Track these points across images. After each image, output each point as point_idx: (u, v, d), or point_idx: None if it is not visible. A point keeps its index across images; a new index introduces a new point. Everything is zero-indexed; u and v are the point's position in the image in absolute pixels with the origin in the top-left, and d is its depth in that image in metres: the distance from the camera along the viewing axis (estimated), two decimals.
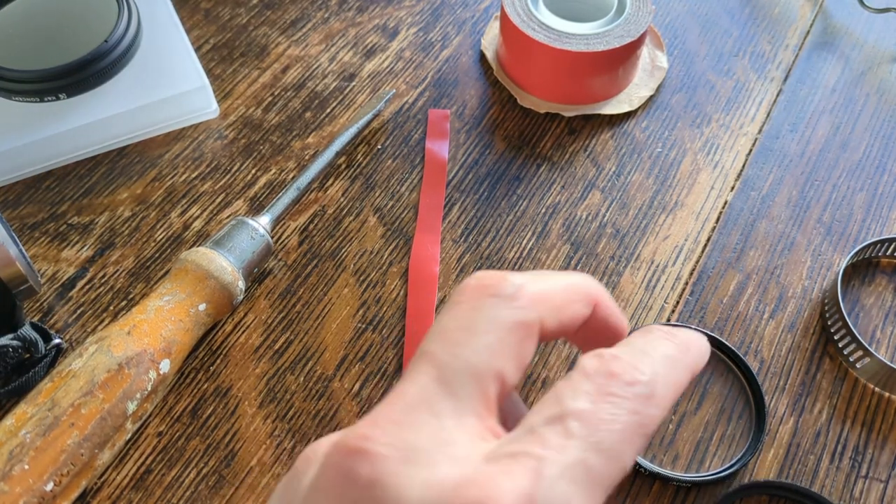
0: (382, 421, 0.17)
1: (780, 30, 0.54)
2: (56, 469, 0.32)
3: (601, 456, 0.18)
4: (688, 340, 0.22)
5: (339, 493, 0.16)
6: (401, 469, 0.16)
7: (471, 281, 0.20)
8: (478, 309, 0.20)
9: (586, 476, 0.17)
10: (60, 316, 0.41)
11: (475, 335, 0.19)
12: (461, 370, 0.19)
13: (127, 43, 0.47)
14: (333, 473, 0.17)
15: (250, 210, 0.45)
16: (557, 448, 0.17)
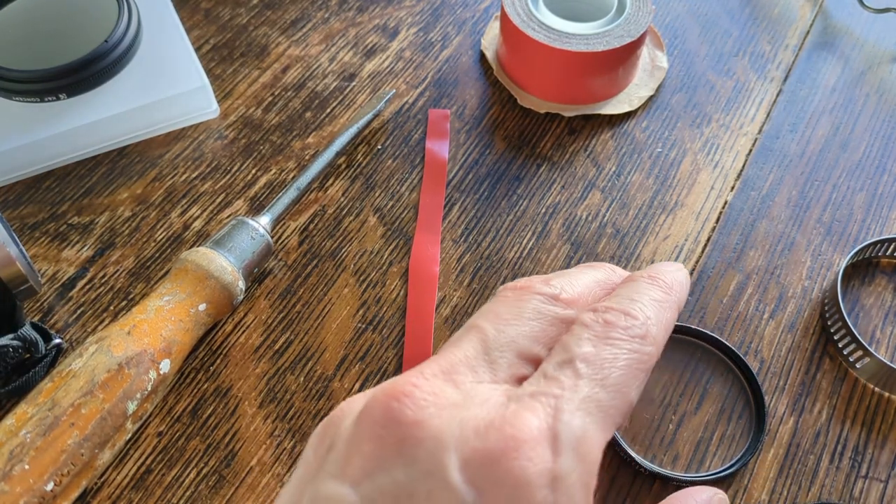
0: (428, 373, 0.20)
1: (780, 30, 0.54)
2: (56, 469, 0.32)
3: (608, 391, 0.20)
4: (671, 282, 0.25)
5: (383, 430, 0.18)
6: (440, 413, 0.18)
7: (517, 282, 0.23)
8: (526, 301, 0.22)
9: (598, 408, 0.19)
10: (60, 316, 0.41)
11: (521, 320, 0.22)
12: (505, 344, 0.21)
13: (127, 43, 0.47)
14: (380, 413, 0.19)
15: (250, 210, 0.45)
16: (570, 387, 0.19)
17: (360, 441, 0.18)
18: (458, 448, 0.17)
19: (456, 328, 0.41)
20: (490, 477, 0.17)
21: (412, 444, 0.18)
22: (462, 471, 0.17)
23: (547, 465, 0.17)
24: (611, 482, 0.36)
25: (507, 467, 0.17)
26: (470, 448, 0.17)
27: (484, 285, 0.42)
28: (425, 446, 0.18)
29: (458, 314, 0.41)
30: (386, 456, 0.18)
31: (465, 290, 0.42)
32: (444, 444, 0.17)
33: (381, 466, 0.18)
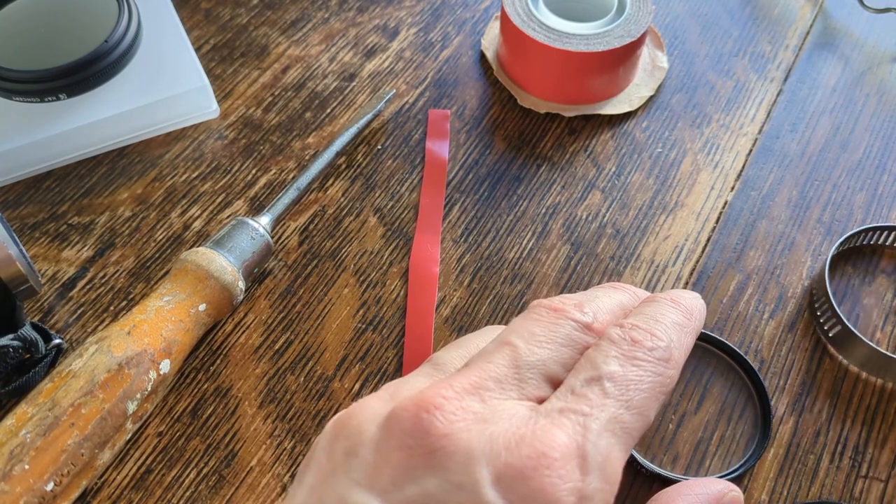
0: (458, 386, 0.20)
1: (781, 30, 0.54)
2: (56, 469, 0.32)
3: (632, 412, 0.20)
4: (691, 307, 0.25)
5: (413, 441, 0.18)
6: (470, 426, 0.19)
7: (552, 302, 0.24)
8: (560, 325, 0.23)
9: (622, 430, 0.20)
10: (61, 316, 0.41)
11: (554, 344, 0.22)
12: (535, 365, 0.21)
13: (127, 43, 0.47)
14: (409, 423, 0.19)
15: (250, 210, 0.45)
16: (598, 406, 0.20)
17: (389, 450, 0.19)
18: (489, 462, 0.18)
19: (456, 328, 0.41)
20: (521, 492, 0.17)
21: (443, 456, 0.18)
22: (494, 485, 0.17)
23: (576, 483, 0.18)
24: None
25: (539, 484, 0.17)
26: (502, 462, 0.18)
27: (484, 285, 0.42)
28: (457, 459, 0.18)
29: (458, 314, 0.41)
30: (416, 466, 0.18)
31: (466, 291, 0.42)
32: (476, 458, 0.18)
33: (411, 477, 0.18)
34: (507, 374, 0.21)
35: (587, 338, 0.23)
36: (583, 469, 0.18)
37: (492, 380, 0.20)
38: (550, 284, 0.42)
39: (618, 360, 0.21)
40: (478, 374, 0.21)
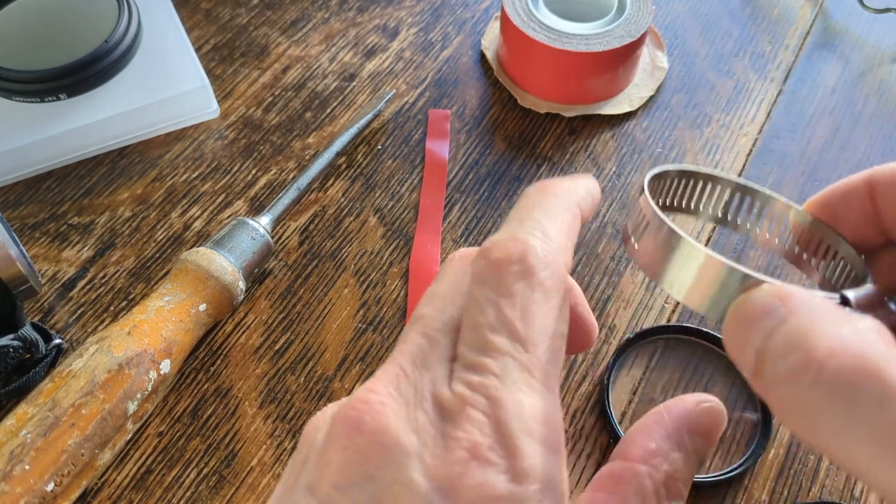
0: (383, 377, 0.19)
1: (780, 30, 0.54)
2: (57, 469, 0.32)
3: (535, 352, 0.19)
4: (546, 184, 0.22)
5: (348, 442, 0.18)
6: (398, 417, 0.18)
7: (456, 253, 0.22)
8: (463, 274, 0.22)
9: (533, 374, 0.18)
10: (61, 316, 0.41)
11: (458, 296, 0.21)
12: (446, 324, 0.20)
13: (127, 43, 0.47)
14: (341, 423, 0.18)
15: (251, 210, 0.45)
16: (497, 371, 0.18)
17: (328, 454, 0.18)
18: (418, 454, 0.17)
19: None
20: (456, 489, 0.17)
21: (374, 452, 0.18)
22: (424, 474, 0.17)
23: (503, 466, 0.17)
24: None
25: (467, 485, 0.17)
26: (429, 456, 0.17)
27: None
28: (388, 454, 0.18)
29: None
30: (353, 467, 0.18)
31: None
32: (405, 450, 0.17)
33: (351, 480, 0.18)
34: (421, 348, 0.20)
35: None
36: (507, 448, 0.17)
37: (410, 361, 0.20)
38: None
39: (492, 304, 0.19)
40: (398, 358, 0.20)
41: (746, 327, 0.18)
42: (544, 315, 0.19)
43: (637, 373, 0.39)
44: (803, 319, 0.17)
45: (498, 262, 0.20)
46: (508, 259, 0.20)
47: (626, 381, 0.39)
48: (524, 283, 0.19)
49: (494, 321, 0.19)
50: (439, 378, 0.19)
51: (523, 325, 0.19)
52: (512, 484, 0.17)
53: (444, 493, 0.17)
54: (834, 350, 0.16)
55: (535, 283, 0.19)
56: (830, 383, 0.16)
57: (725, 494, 0.36)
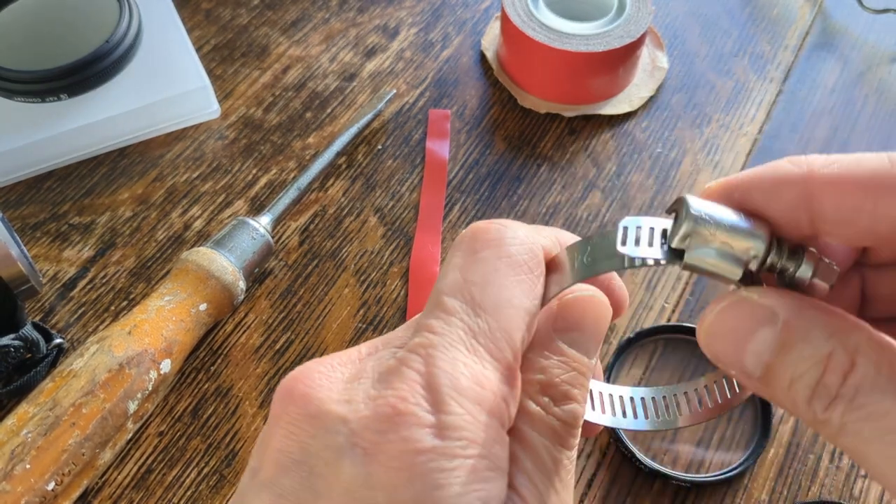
0: (336, 354, 0.20)
1: (780, 30, 0.54)
2: (57, 468, 0.32)
3: (486, 316, 0.18)
4: None
5: (283, 410, 0.18)
6: (333, 386, 0.18)
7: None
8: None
9: (477, 338, 0.18)
10: (62, 316, 0.41)
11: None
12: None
13: (128, 43, 0.47)
14: (280, 396, 0.19)
15: (251, 210, 0.45)
16: (441, 330, 0.18)
17: (269, 431, 0.19)
18: (344, 419, 0.17)
19: None
20: (385, 451, 0.17)
21: (304, 420, 0.18)
22: (349, 437, 0.17)
23: (428, 420, 0.17)
24: (612, 479, 0.36)
25: (391, 438, 0.17)
26: (358, 417, 0.17)
27: None
28: (318, 422, 0.18)
29: None
30: (289, 442, 0.18)
31: None
32: (334, 416, 0.17)
33: (289, 455, 0.18)
34: (396, 336, 0.20)
35: None
36: (434, 403, 0.17)
37: (373, 345, 0.20)
38: None
39: (457, 268, 0.19)
40: (368, 342, 0.21)
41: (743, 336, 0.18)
42: (506, 286, 0.19)
43: (637, 373, 0.39)
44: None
45: (475, 230, 0.20)
46: (486, 229, 0.20)
47: (626, 380, 0.39)
48: (492, 252, 0.19)
49: (452, 284, 0.19)
50: (390, 352, 0.19)
51: (479, 291, 0.19)
52: (436, 439, 0.17)
53: (368, 452, 0.17)
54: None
55: (503, 253, 0.19)
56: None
57: (725, 494, 0.36)
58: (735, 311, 0.18)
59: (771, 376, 0.18)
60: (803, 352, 0.17)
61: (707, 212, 0.18)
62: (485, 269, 0.19)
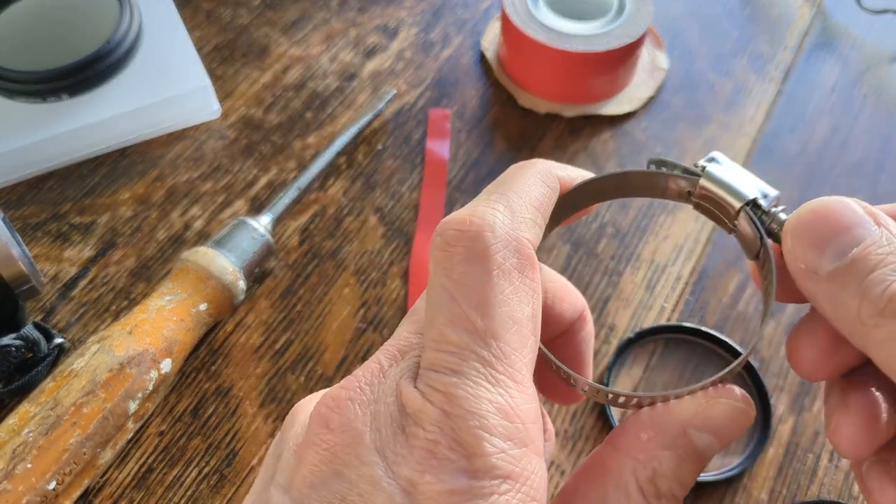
0: (360, 372, 0.19)
1: (780, 30, 0.54)
2: (58, 468, 0.32)
3: (497, 342, 0.18)
4: (533, 160, 0.21)
5: (319, 440, 0.18)
6: (365, 412, 0.18)
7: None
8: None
9: (494, 367, 0.17)
10: (62, 315, 0.41)
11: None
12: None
13: (129, 43, 0.47)
14: (315, 424, 0.18)
15: (251, 210, 0.45)
16: (457, 366, 0.17)
17: (302, 451, 0.18)
18: (380, 451, 0.17)
19: None
20: (416, 485, 0.17)
21: (342, 450, 0.18)
22: (387, 472, 0.17)
23: (459, 466, 0.17)
24: None
25: (428, 479, 0.17)
26: (391, 451, 0.17)
27: None
28: (354, 451, 0.17)
29: None
30: (323, 465, 0.18)
31: None
32: (369, 447, 0.17)
33: (321, 478, 0.18)
34: (407, 343, 0.19)
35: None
36: (464, 446, 0.17)
37: (390, 356, 0.19)
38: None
39: (446, 294, 0.18)
40: (381, 353, 0.19)
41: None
42: (505, 301, 0.18)
43: (637, 372, 0.39)
44: None
45: (451, 242, 0.18)
46: (462, 238, 0.18)
47: (626, 380, 0.39)
48: (479, 268, 0.18)
49: (449, 314, 0.18)
50: (408, 374, 0.18)
51: (481, 318, 0.18)
52: (472, 479, 0.16)
53: (406, 491, 0.17)
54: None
55: (491, 266, 0.18)
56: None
57: (725, 494, 0.36)
58: (837, 205, 0.19)
59: (848, 270, 0.18)
60: (893, 255, 0.17)
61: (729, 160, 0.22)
62: (477, 291, 0.18)
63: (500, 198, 0.19)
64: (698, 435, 0.19)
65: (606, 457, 0.20)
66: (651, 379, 0.39)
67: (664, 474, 0.19)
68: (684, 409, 0.20)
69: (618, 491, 0.19)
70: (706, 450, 0.20)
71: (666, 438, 0.19)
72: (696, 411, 0.20)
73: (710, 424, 0.20)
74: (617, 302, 0.42)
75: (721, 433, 0.20)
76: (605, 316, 0.41)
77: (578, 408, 0.38)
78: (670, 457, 0.19)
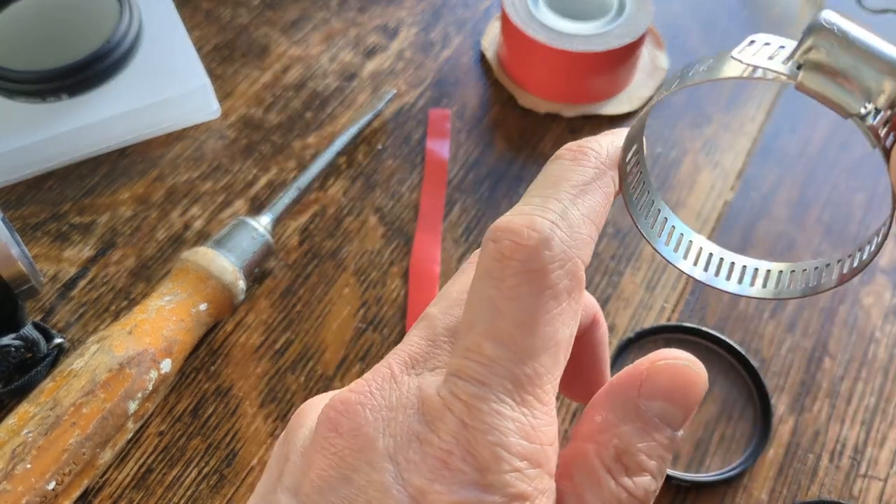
0: (370, 377, 0.18)
1: (780, 30, 0.54)
2: (58, 468, 0.32)
3: (532, 362, 0.17)
4: (588, 151, 0.19)
5: (328, 444, 0.18)
6: (377, 418, 0.17)
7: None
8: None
9: (524, 387, 0.17)
10: (62, 316, 0.41)
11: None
12: (450, 328, 0.19)
13: (128, 43, 0.47)
14: (324, 427, 0.18)
15: (251, 210, 0.45)
16: (486, 379, 0.17)
17: (310, 454, 0.18)
18: (392, 457, 0.17)
19: None
20: (426, 495, 0.16)
21: (351, 455, 0.17)
22: (397, 479, 0.17)
23: (471, 480, 0.16)
24: None
25: (438, 489, 0.16)
26: (403, 457, 0.17)
27: None
28: (363, 456, 0.17)
29: None
30: (331, 469, 0.17)
31: None
32: (380, 453, 0.17)
33: (329, 482, 0.17)
34: (420, 350, 0.19)
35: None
36: (479, 460, 0.16)
37: (402, 362, 0.19)
38: None
39: (492, 305, 0.17)
40: (391, 357, 0.19)
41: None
42: (550, 321, 0.17)
43: None
44: None
45: (507, 253, 0.17)
46: (519, 251, 0.17)
47: None
48: (533, 286, 0.17)
49: (491, 326, 0.17)
50: (430, 381, 0.18)
51: (522, 336, 0.17)
52: (482, 494, 0.16)
53: (415, 499, 0.16)
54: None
55: (544, 285, 0.17)
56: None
57: (725, 494, 0.36)
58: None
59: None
60: None
61: (841, 27, 0.15)
62: (525, 308, 0.17)
63: (557, 206, 0.18)
64: (650, 404, 0.19)
65: (569, 452, 0.19)
66: None
67: (627, 450, 0.18)
68: (630, 379, 0.19)
69: (588, 478, 0.18)
70: (666, 417, 0.19)
71: (619, 415, 0.19)
72: (640, 381, 0.19)
73: (658, 390, 0.19)
74: (617, 302, 0.42)
75: (672, 397, 0.19)
76: (605, 316, 0.41)
77: (578, 408, 0.38)
78: (630, 431, 0.19)
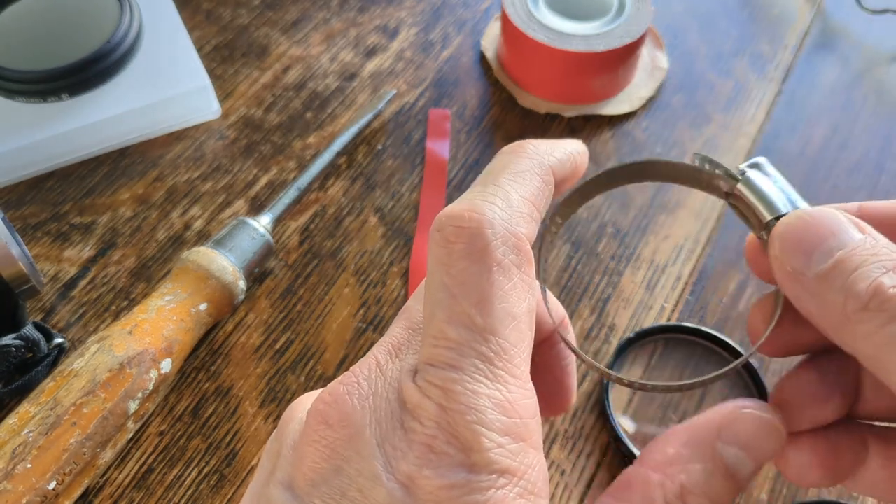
0: (357, 368, 0.19)
1: (780, 30, 0.54)
2: (58, 468, 0.32)
3: (495, 337, 0.18)
4: (526, 145, 0.21)
5: (319, 436, 0.18)
6: (364, 407, 0.18)
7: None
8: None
9: (493, 363, 0.17)
10: (62, 315, 0.41)
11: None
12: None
13: (129, 43, 0.47)
14: (314, 420, 0.18)
15: (251, 210, 0.45)
16: (456, 362, 0.17)
17: (302, 447, 0.18)
18: (380, 446, 0.17)
19: None
20: (415, 479, 0.17)
21: (342, 445, 0.18)
22: (386, 467, 0.17)
23: (457, 461, 0.17)
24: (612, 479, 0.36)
25: (427, 474, 0.17)
26: (390, 446, 0.17)
27: None
28: (353, 446, 0.17)
29: None
30: (323, 461, 0.18)
31: None
32: (369, 442, 0.17)
33: (321, 474, 0.18)
34: (402, 338, 0.19)
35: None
36: (462, 441, 0.17)
37: (386, 352, 0.19)
38: (551, 283, 0.42)
39: (446, 291, 0.18)
40: (376, 349, 0.20)
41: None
42: (504, 297, 0.18)
43: (637, 372, 0.39)
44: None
45: (451, 238, 0.18)
46: (462, 234, 0.18)
47: None
48: (479, 265, 0.18)
49: (449, 311, 0.18)
50: (408, 369, 0.18)
51: (481, 315, 0.18)
52: (469, 474, 0.17)
53: (405, 486, 0.17)
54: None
55: (491, 262, 0.18)
56: None
57: None
58: (823, 214, 0.20)
59: (833, 270, 0.18)
60: (875, 257, 0.18)
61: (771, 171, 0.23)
62: (477, 288, 0.18)
63: (496, 191, 0.19)
64: (726, 449, 0.19)
65: (634, 473, 0.20)
66: (651, 379, 0.39)
67: (692, 490, 0.19)
68: (710, 421, 0.20)
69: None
70: (737, 465, 0.19)
71: (693, 452, 0.19)
72: (721, 424, 0.19)
73: (738, 438, 0.19)
74: (617, 302, 0.42)
75: (750, 447, 0.19)
76: (605, 316, 0.41)
77: (579, 406, 0.38)
78: (698, 471, 0.19)
